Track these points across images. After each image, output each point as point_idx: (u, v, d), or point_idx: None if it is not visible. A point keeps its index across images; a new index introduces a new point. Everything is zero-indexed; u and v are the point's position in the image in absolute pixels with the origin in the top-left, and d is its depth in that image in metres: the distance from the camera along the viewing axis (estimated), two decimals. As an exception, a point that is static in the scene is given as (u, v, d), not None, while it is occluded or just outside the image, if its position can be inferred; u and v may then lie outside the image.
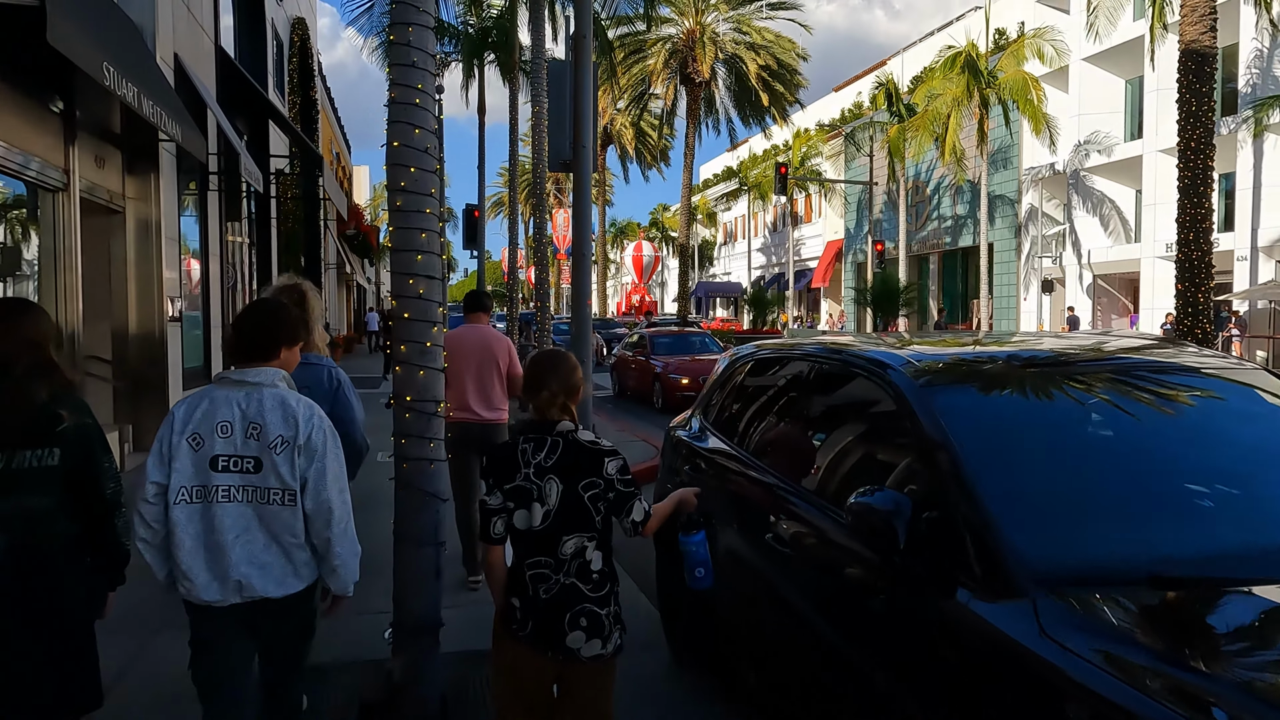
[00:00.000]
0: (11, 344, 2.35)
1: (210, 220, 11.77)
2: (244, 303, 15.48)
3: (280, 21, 18.41)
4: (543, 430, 2.44)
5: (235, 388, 2.39)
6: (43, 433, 2.35)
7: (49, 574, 2.39)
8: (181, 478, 2.34)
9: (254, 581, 2.34)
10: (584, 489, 2.37)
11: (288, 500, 2.35)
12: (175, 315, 9.95)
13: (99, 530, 2.49)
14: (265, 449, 2.33)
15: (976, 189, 33.54)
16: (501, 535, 2.44)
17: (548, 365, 2.52)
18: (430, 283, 3.25)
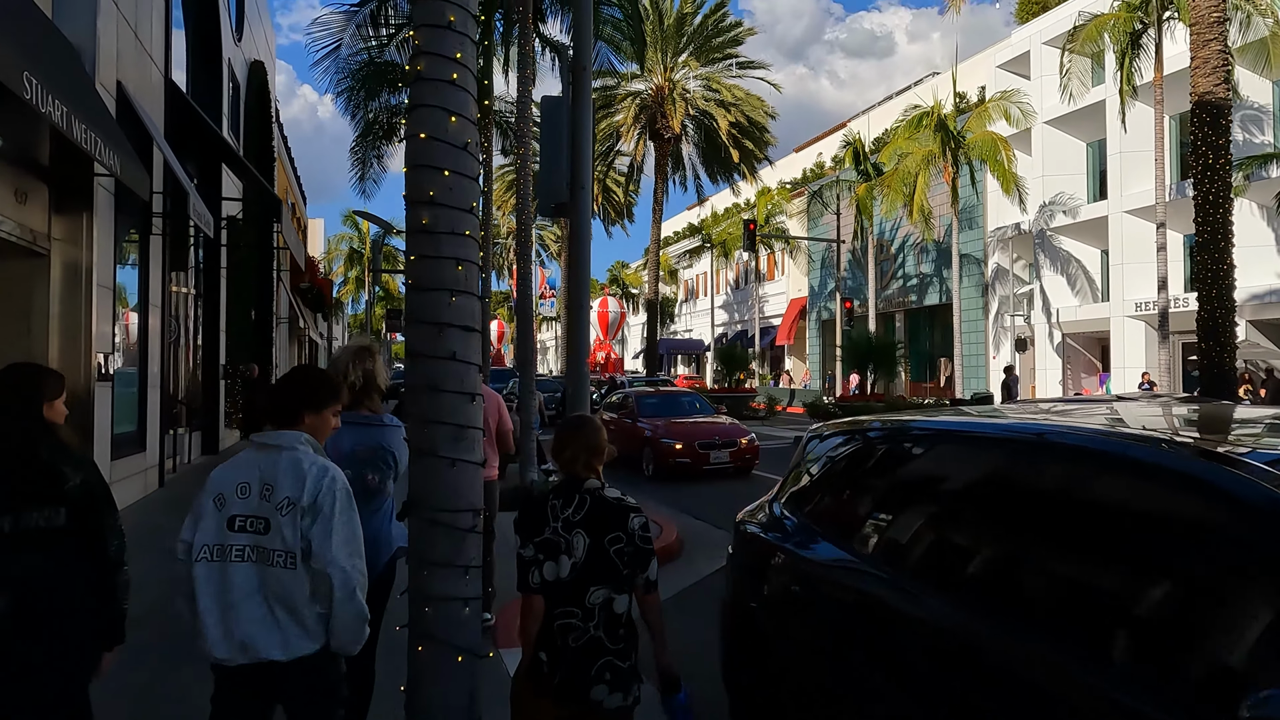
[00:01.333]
0: (18, 410, 2.40)
1: (152, 267, 10.52)
2: (186, 359, 14.08)
3: (238, 63, 17.41)
4: (571, 487, 2.55)
5: (260, 450, 2.46)
6: (48, 492, 2.37)
7: (50, 636, 2.38)
8: (205, 536, 2.40)
9: (257, 643, 2.32)
10: (610, 543, 2.47)
11: (289, 563, 2.34)
12: (106, 373, 8.65)
13: (100, 589, 2.50)
14: (273, 510, 2.36)
15: (941, 248, 33.67)
16: (540, 584, 2.48)
17: (571, 428, 2.65)
18: (467, 338, 2.25)
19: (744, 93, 29.32)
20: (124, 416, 9.70)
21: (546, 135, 8.54)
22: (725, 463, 11.99)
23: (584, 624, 2.45)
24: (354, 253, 53.00)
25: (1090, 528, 2.01)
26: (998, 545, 2.28)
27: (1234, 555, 1.66)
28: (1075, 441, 2.17)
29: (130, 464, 9.63)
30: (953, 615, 2.24)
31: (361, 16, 15.04)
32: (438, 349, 2.17)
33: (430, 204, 2.20)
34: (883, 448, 3.00)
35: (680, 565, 7.37)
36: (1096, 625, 1.85)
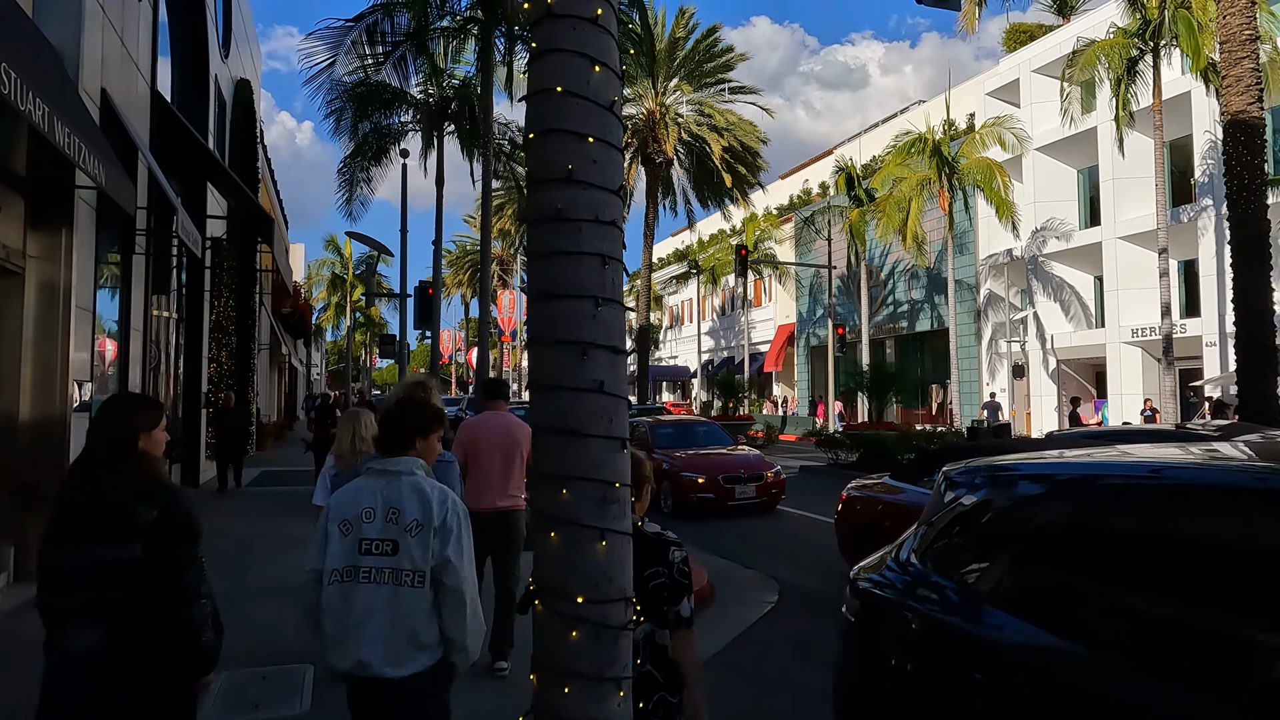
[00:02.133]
0: (95, 441, 2.46)
1: (134, 288, 9.81)
2: (167, 387, 13.30)
3: (224, 81, 16.81)
4: None
5: (378, 476, 2.59)
6: (125, 525, 2.35)
7: (130, 673, 2.36)
8: (334, 561, 2.52)
9: (375, 661, 2.43)
10: (649, 578, 2.40)
11: (417, 582, 2.46)
12: (82, 402, 7.92)
13: (179, 622, 2.43)
14: (401, 532, 2.48)
15: (932, 273, 33.54)
16: None
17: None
18: (615, 362, 1.65)
19: (736, 117, 29.12)
20: (101, 450, 8.94)
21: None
22: (751, 498, 11.33)
23: (636, 656, 2.32)
24: (336, 278, 52.11)
25: None
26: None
27: None
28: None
29: (107, 501, 8.86)
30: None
31: (357, 33, 14.52)
32: (579, 378, 1.58)
33: (567, 182, 1.62)
34: (1078, 500, 2.41)
35: (715, 613, 6.75)
36: None
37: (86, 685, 2.34)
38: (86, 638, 2.33)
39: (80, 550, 2.35)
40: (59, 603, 2.38)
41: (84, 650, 2.33)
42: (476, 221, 50.68)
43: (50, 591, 2.39)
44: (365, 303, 17.15)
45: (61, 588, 2.37)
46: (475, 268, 55.64)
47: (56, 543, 2.41)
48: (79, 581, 2.34)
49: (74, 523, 2.40)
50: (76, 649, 2.34)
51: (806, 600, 7.35)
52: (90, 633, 2.32)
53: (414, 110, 20.87)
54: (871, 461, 16.57)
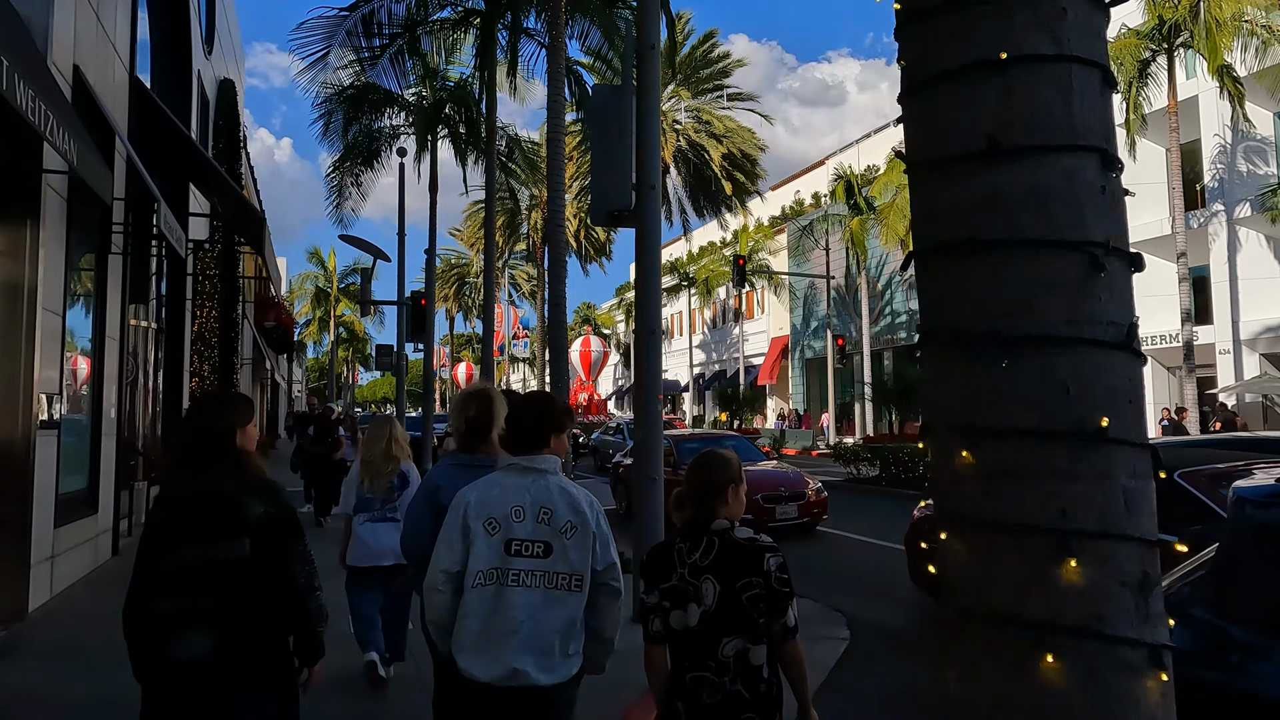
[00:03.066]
0: (203, 443, 2.37)
1: (110, 292, 8.83)
2: (146, 403, 12.26)
3: (208, 78, 15.86)
4: (698, 528, 2.37)
5: (522, 474, 2.45)
6: (232, 524, 2.29)
7: (243, 673, 2.27)
8: (479, 562, 2.37)
9: (529, 669, 2.33)
10: (742, 589, 2.27)
11: (574, 586, 2.38)
12: (50, 419, 6.93)
13: (291, 616, 2.37)
14: (556, 534, 2.38)
15: (931, 284, 32.96)
16: (659, 633, 2.36)
17: (698, 464, 2.48)
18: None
19: (735, 124, 28.48)
20: (72, 471, 7.94)
21: (600, 132, 7.17)
22: (793, 518, 10.40)
23: (719, 678, 2.27)
24: (320, 291, 50.89)
25: None
26: None
27: None
28: None
29: (79, 530, 7.84)
30: None
31: (352, 22, 13.64)
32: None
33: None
34: None
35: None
36: None
37: (192, 696, 2.24)
38: (197, 644, 2.23)
39: (200, 551, 2.27)
40: (170, 608, 2.27)
41: (192, 657, 2.23)
42: (463, 234, 49.75)
43: (162, 596, 2.27)
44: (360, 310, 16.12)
45: (175, 592, 2.27)
46: (461, 281, 54.63)
47: (168, 545, 2.30)
48: (194, 584, 2.26)
49: (186, 524, 2.31)
50: (186, 656, 2.23)
51: (882, 637, 6.48)
52: (201, 638, 2.24)
53: (406, 113, 19.99)
54: (896, 477, 15.78)
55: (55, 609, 6.73)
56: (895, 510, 13.57)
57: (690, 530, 2.39)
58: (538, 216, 41.13)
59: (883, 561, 9.48)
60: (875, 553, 10.01)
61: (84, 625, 6.29)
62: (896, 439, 17.39)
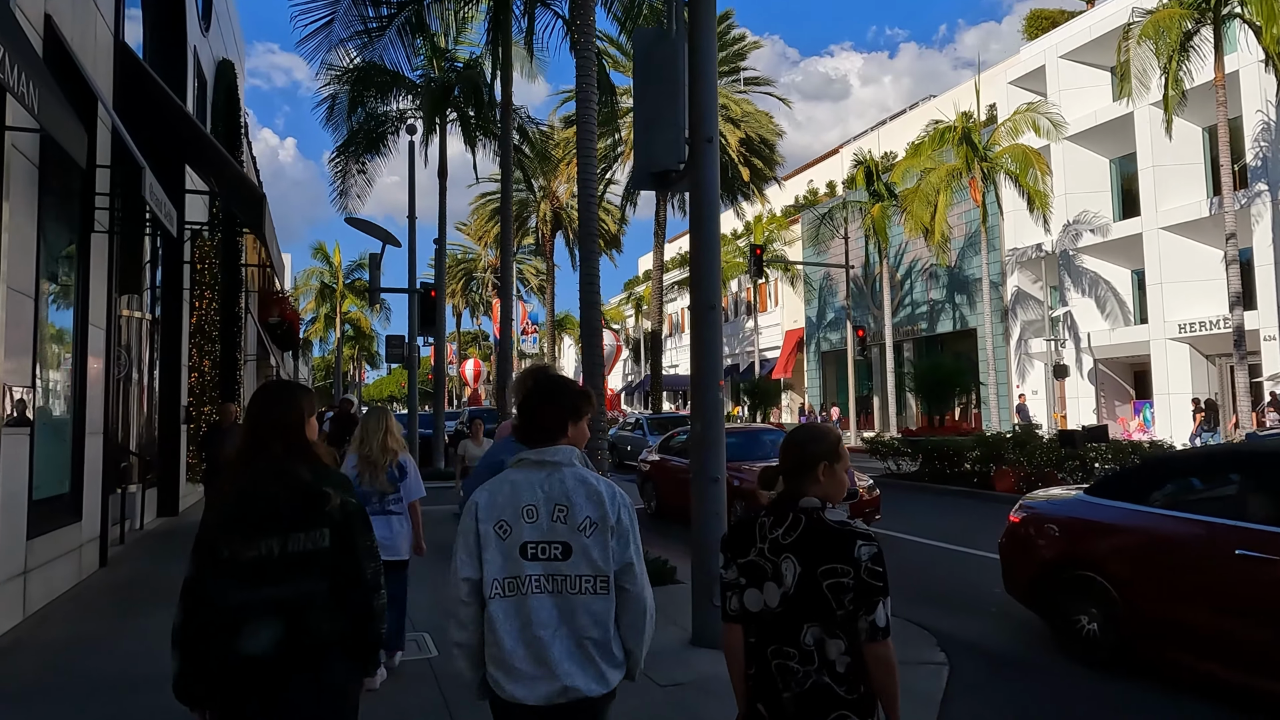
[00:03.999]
0: (272, 431, 2.31)
1: (94, 274, 7.95)
2: (140, 400, 11.41)
3: (205, 57, 15.00)
4: (785, 504, 2.17)
5: (535, 468, 2.26)
6: (313, 513, 2.24)
7: (317, 668, 2.21)
8: (493, 569, 2.18)
9: (577, 681, 2.14)
10: (824, 575, 2.05)
11: (600, 588, 2.18)
12: (19, 415, 6.05)
13: (359, 611, 2.28)
14: (574, 532, 2.18)
15: (953, 272, 32.05)
16: (736, 612, 2.19)
17: (790, 437, 2.28)
18: None
19: (753, 108, 27.51)
20: (50, 475, 7.07)
21: (645, 82, 6.23)
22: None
23: (804, 666, 2.04)
24: (325, 287, 50.01)
25: None
26: None
27: None
28: None
29: (58, 540, 6.98)
30: None
31: (357, -10, 12.76)
32: None
33: None
34: None
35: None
36: None
37: (262, 691, 2.18)
38: (267, 638, 2.16)
39: (282, 541, 2.21)
40: (244, 599, 2.19)
41: (261, 652, 2.16)
42: (470, 229, 48.88)
43: (238, 588, 2.19)
44: (369, 299, 15.24)
45: (255, 582, 2.19)
46: (468, 277, 53.77)
47: (248, 535, 2.21)
48: (272, 575, 2.20)
49: (266, 514, 2.23)
50: (255, 651, 2.16)
51: (983, 659, 5.57)
52: (272, 631, 2.17)
53: (413, 95, 19.10)
54: (940, 472, 14.85)
55: (26, 635, 5.86)
56: (945, 508, 12.67)
57: (777, 506, 2.20)
58: (546, 208, 40.26)
59: (951, 567, 8.58)
60: (940, 557, 9.10)
61: (59, 654, 5.42)
62: (940, 430, 16.43)
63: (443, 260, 18.24)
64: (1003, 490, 12.98)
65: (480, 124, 19.14)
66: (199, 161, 10.58)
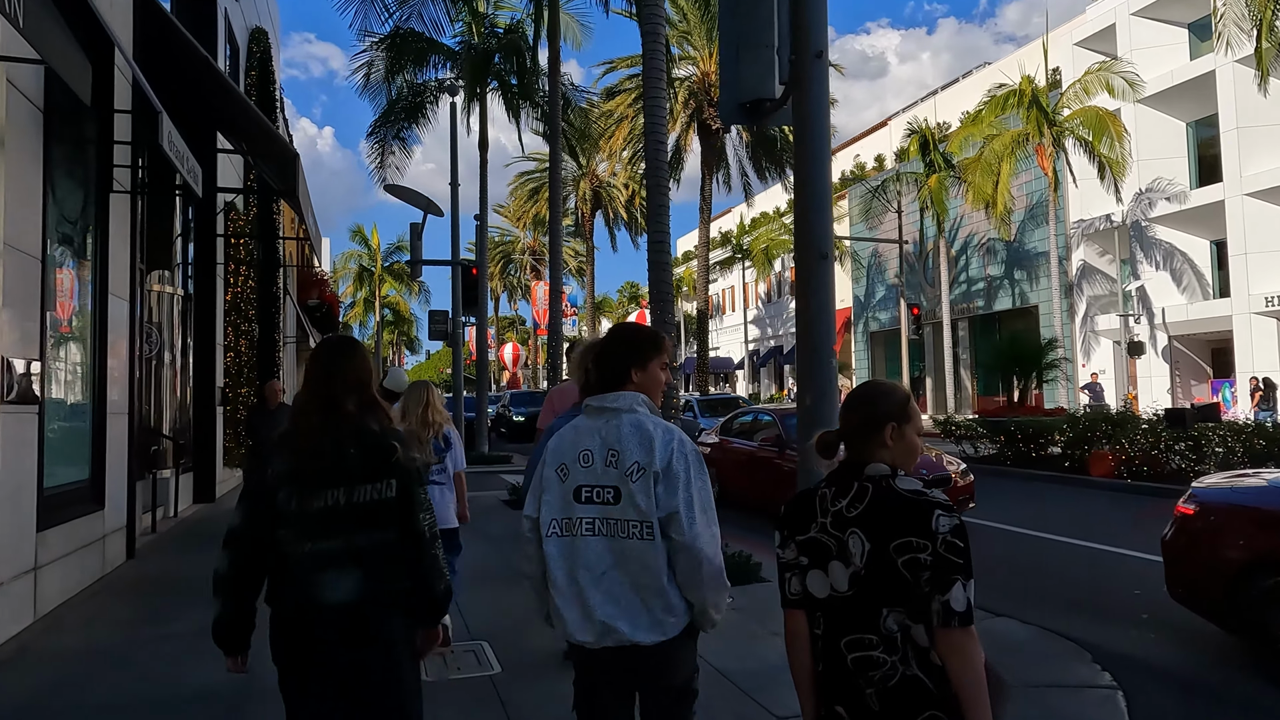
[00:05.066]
0: (340, 383, 2.32)
1: (113, 239, 7.22)
2: (173, 381, 10.79)
3: (237, 23, 14.31)
4: (849, 472, 1.91)
5: (596, 415, 2.29)
6: (381, 465, 2.27)
7: (388, 617, 2.26)
8: (551, 510, 2.24)
9: (619, 625, 2.13)
10: (897, 550, 1.77)
11: (645, 534, 2.15)
12: (17, 390, 5.31)
13: (420, 562, 2.31)
14: (622, 477, 2.18)
15: (1012, 246, 30.53)
16: (798, 596, 1.92)
17: (854, 395, 2.03)
18: None
19: (803, 74, 26.24)
20: (66, 460, 6.38)
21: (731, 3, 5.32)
22: (942, 508, 8.49)
23: (888, 655, 1.76)
24: (363, 270, 49.71)
25: None
26: None
27: None
28: None
29: (76, 532, 6.29)
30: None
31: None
32: None
33: None
34: None
35: (1039, 715, 4.06)
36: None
37: (341, 639, 2.19)
38: (345, 588, 2.19)
39: (346, 491, 2.23)
40: (319, 549, 2.21)
41: (342, 600, 2.19)
42: (508, 210, 48.19)
43: (309, 537, 2.21)
44: (411, 272, 14.42)
45: (324, 533, 2.22)
46: (506, 259, 53.18)
47: (315, 486, 2.23)
48: (342, 526, 2.22)
49: (333, 466, 2.24)
50: (336, 599, 2.19)
51: (1164, 683, 4.58)
52: (348, 582, 2.20)
53: (452, 64, 18.27)
54: (1024, 455, 13.72)
55: (33, 642, 5.15)
56: (1036, 495, 11.60)
57: (839, 474, 1.92)
58: (586, 187, 39.40)
59: (1067, 563, 7.56)
60: (1050, 551, 8.08)
61: (66, 667, 4.69)
62: (1022, 410, 15.25)
63: (484, 236, 17.46)
64: (1099, 475, 11.84)
65: (523, 91, 18.24)
66: (226, 119, 9.84)
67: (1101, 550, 7.88)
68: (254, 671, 4.63)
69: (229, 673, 2.33)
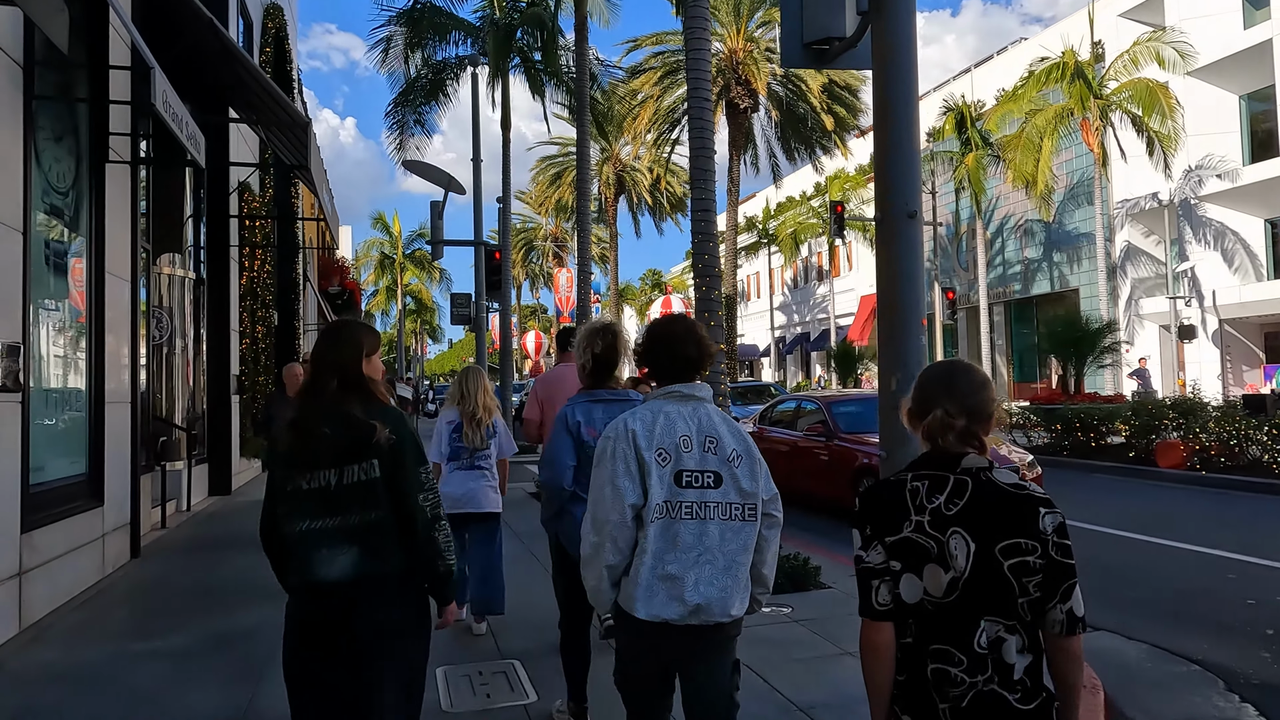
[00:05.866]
0: (322, 365, 2.36)
1: (111, 213, 6.66)
2: (185, 369, 10.27)
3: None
4: (942, 464, 1.69)
5: (683, 402, 2.35)
6: (363, 445, 2.29)
7: (383, 599, 2.27)
8: (656, 495, 2.25)
9: (713, 604, 2.22)
10: (1004, 553, 1.60)
11: (749, 515, 2.29)
12: (7, 378, 4.75)
13: (416, 543, 2.32)
14: (724, 463, 2.29)
15: (1051, 227, 29.46)
16: (887, 606, 1.67)
17: (937, 377, 1.78)
18: None
19: (835, 50, 25.29)
20: (57, 453, 5.84)
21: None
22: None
23: (970, 674, 1.60)
24: (385, 258, 49.34)
25: None
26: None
27: None
28: None
29: (70, 531, 5.75)
30: None
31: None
32: None
33: None
34: None
35: None
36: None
37: (336, 616, 2.23)
38: (341, 564, 2.24)
39: (335, 473, 2.26)
40: (312, 526, 2.27)
41: (337, 578, 2.24)
42: (530, 196, 47.56)
43: (302, 516, 2.28)
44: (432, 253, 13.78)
45: (315, 512, 2.27)
46: (528, 247, 52.60)
47: (306, 466, 2.29)
48: (332, 505, 2.27)
49: (321, 446, 2.28)
50: (331, 576, 2.24)
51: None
52: (344, 558, 2.25)
53: (472, 39, 17.62)
54: (1080, 444, 12.91)
55: (11, 658, 4.59)
56: (1101, 488, 10.81)
57: (928, 465, 1.70)
58: (609, 171, 38.67)
59: (1155, 566, 6.82)
60: (1140, 552, 7.33)
61: (43, 690, 4.13)
62: (1060, 399, 14.44)
63: (507, 219, 16.83)
64: (1168, 466, 11.02)
65: (547, 65, 17.55)
66: (232, 84, 9.23)
67: (1195, 552, 7.12)
68: (250, 703, 3.96)
69: (221, 698, 2.21)
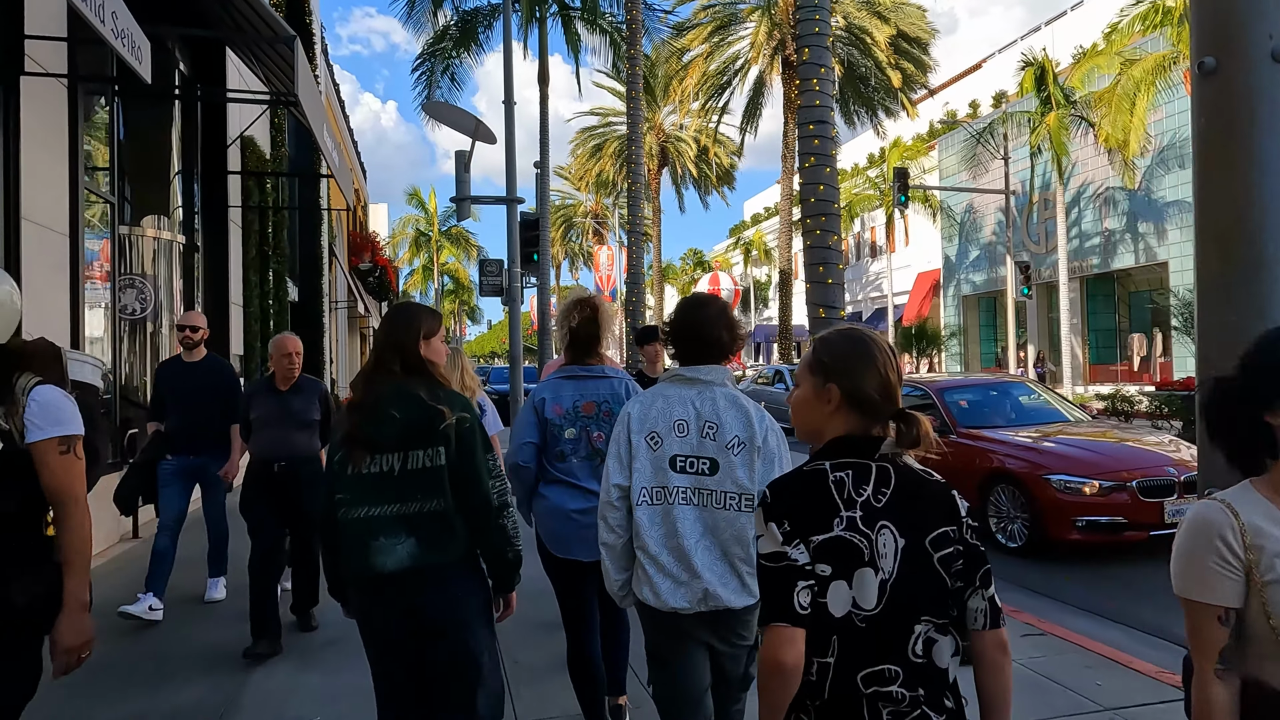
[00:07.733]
0: (388, 348, 2.36)
1: (28, 146, 5.11)
2: (170, 342, 8.82)
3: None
4: (861, 452, 1.48)
5: (687, 385, 2.32)
6: (430, 431, 2.27)
7: (446, 582, 2.26)
8: (642, 478, 2.26)
9: (718, 590, 2.20)
10: (934, 544, 1.44)
11: (744, 505, 2.22)
12: None
13: (485, 530, 2.31)
14: (722, 450, 2.24)
15: (1136, 195, 26.97)
16: (807, 611, 1.39)
17: (848, 345, 1.57)
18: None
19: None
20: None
21: None
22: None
23: (911, 690, 1.39)
24: (420, 235, 48.20)
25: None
26: None
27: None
28: None
29: None
30: None
31: None
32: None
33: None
34: None
35: None
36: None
37: (401, 604, 2.22)
38: (399, 553, 2.21)
39: (400, 456, 2.24)
40: (370, 513, 2.23)
41: (394, 568, 2.20)
42: (569, 171, 45.94)
43: (360, 502, 2.25)
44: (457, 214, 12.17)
45: (374, 498, 2.24)
46: (568, 224, 51.05)
47: (368, 449, 2.26)
48: (394, 491, 2.24)
49: (385, 431, 2.26)
50: (388, 566, 2.20)
51: None
52: (402, 548, 2.21)
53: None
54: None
55: None
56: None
57: (844, 451, 1.47)
58: (652, 141, 36.84)
59: None
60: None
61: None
62: (1183, 385, 12.46)
63: (546, 182, 15.20)
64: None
65: (586, 16, 15.81)
66: (245, 47, 7.65)
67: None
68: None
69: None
